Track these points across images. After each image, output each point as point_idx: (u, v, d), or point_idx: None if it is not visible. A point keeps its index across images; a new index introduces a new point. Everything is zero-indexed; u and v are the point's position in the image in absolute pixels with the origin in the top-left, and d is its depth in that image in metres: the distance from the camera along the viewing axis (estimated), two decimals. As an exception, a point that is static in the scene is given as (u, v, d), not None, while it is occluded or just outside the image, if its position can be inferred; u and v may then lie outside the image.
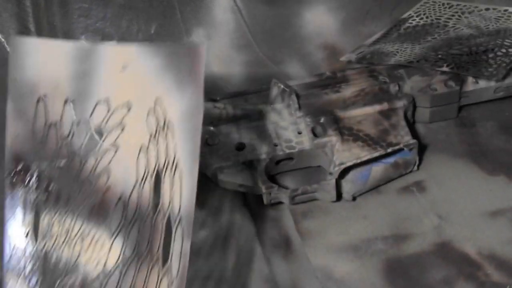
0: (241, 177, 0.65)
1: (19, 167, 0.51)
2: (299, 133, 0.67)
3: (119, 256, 0.48)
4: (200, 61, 0.47)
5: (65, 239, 0.49)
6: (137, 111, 0.49)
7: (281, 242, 0.63)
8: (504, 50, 0.72)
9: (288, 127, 0.68)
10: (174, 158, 0.47)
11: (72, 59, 0.50)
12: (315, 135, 0.67)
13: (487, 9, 0.81)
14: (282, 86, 0.69)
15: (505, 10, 0.80)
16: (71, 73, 0.50)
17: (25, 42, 0.51)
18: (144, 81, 0.48)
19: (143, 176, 0.48)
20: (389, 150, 0.65)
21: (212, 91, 0.71)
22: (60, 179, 0.50)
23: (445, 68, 0.71)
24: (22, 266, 0.50)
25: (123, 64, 0.49)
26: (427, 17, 0.83)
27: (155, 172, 0.48)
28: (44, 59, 0.51)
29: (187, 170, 0.46)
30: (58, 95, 0.50)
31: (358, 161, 0.64)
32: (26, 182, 0.51)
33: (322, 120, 0.67)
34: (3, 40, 0.75)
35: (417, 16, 0.84)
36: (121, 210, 0.48)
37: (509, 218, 0.61)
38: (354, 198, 0.66)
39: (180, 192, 0.47)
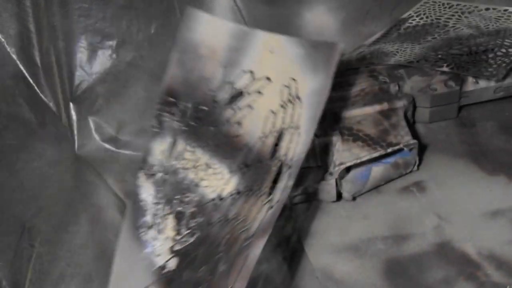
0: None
1: (169, 100, 0.63)
2: (299, 133, 0.67)
3: (233, 188, 0.59)
4: (334, 56, 0.59)
5: (193, 164, 0.61)
6: (275, 84, 0.60)
7: (281, 242, 0.63)
8: (504, 50, 0.72)
9: (288, 127, 0.68)
10: (297, 122, 0.58)
11: (231, 35, 0.63)
12: (315, 135, 0.67)
13: (487, 9, 0.81)
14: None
15: (505, 10, 0.80)
16: (228, 45, 0.63)
17: (198, 13, 0.65)
18: (285, 63, 0.60)
19: (269, 131, 0.59)
20: (389, 150, 0.65)
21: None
22: (201, 119, 0.62)
23: (445, 68, 0.71)
24: (153, 172, 0.62)
25: (271, 48, 0.61)
26: (427, 17, 0.83)
27: (279, 130, 0.59)
28: (210, 30, 0.64)
29: (305, 132, 0.58)
30: (214, 58, 0.63)
31: (358, 161, 0.64)
32: (173, 112, 0.63)
33: (322, 120, 0.67)
34: (3, 40, 0.75)
35: (417, 16, 0.84)
36: (244, 154, 0.59)
37: (509, 218, 0.61)
38: (354, 198, 0.66)
39: (296, 147, 0.58)
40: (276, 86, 0.61)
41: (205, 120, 0.62)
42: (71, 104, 0.77)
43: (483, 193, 0.64)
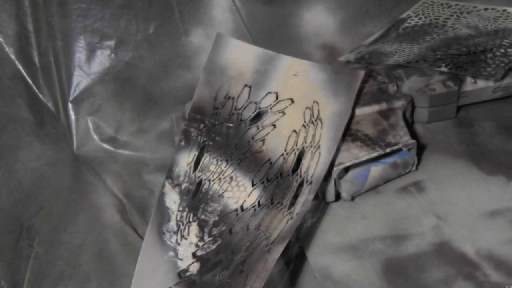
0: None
1: (197, 117, 0.67)
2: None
3: (255, 201, 0.61)
4: (356, 82, 0.64)
5: (218, 176, 0.64)
6: (298, 105, 0.65)
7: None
8: (502, 50, 0.72)
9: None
10: (318, 142, 0.62)
11: (257, 59, 0.68)
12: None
13: (485, 9, 0.81)
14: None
15: (504, 10, 0.80)
16: (254, 68, 0.68)
17: (227, 38, 0.70)
18: (309, 86, 0.65)
19: (290, 149, 0.63)
20: (388, 150, 0.65)
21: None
22: (226, 135, 0.66)
23: (443, 68, 0.71)
24: (179, 182, 0.64)
25: (295, 72, 0.66)
26: (425, 17, 0.83)
27: (300, 148, 0.62)
28: (238, 53, 0.69)
29: (325, 151, 0.62)
30: (241, 80, 0.68)
31: (357, 161, 0.64)
32: (199, 127, 0.67)
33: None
34: (1, 40, 0.75)
35: (415, 16, 0.84)
36: (266, 169, 0.63)
37: (508, 218, 0.61)
38: (353, 198, 0.66)
39: (316, 165, 0.61)
40: (299, 108, 0.64)
41: (230, 136, 0.65)
42: (69, 104, 0.77)
43: (482, 193, 0.64)
